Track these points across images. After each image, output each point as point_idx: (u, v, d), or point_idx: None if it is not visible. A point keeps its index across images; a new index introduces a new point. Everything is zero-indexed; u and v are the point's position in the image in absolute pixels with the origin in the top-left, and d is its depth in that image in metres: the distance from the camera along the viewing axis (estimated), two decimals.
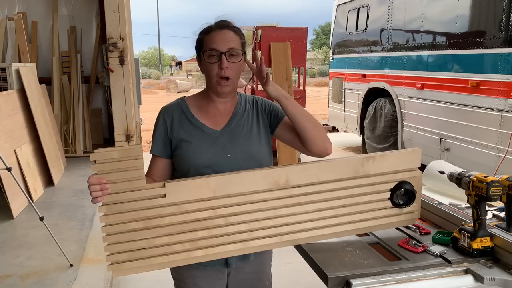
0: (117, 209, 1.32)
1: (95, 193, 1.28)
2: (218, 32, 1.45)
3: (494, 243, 1.42)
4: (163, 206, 1.34)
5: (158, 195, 1.34)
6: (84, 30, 7.32)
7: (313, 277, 1.43)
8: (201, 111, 1.54)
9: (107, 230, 1.33)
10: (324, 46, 41.22)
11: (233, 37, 1.46)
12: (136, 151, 1.32)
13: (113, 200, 1.31)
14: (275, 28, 7.18)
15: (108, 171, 1.29)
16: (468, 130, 4.65)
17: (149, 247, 1.35)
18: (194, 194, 1.35)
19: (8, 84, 4.91)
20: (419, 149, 1.55)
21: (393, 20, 6.07)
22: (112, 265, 1.34)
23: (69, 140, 6.74)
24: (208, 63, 1.45)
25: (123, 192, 1.32)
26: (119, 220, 1.33)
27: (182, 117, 1.52)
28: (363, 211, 1.50)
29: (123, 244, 1.34)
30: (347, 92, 7.68)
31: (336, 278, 1.31)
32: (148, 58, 52.28)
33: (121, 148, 1.31)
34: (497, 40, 4.23)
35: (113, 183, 1.30)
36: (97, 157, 1.29)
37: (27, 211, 4.16)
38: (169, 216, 1.35)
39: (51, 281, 2.91)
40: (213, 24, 1.48)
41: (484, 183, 1.41)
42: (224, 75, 1.44)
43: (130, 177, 1.31)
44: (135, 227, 1.34)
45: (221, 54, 1.43)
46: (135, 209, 1.33)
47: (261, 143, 1.55)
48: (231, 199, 1.37)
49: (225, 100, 1.54)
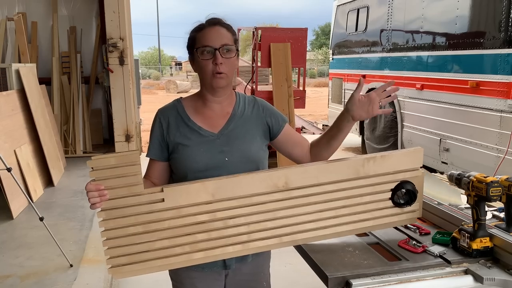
0: (116, 214, 1.32)
1: (93, 200, 1.28)
2: (211, 29, 1.45)
3: (493, 243, 1.42)
4: (161, 211, 1.34)
5: (157, 200, 1.33)
6: (84, 31, 7.32)
7: (313, 278, 1.43)
8: (198, 113, 1.52)
9: (107, 234, 1.33)
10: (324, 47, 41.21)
11: (225, 34, 1.46)
12: (134, 157, 1.31)
13: (112, 205, 1.31)
14: (275, 29, 7.18)
15: (106, 177, 1.29)
16: (467, 130, 4.65)
17: (149, 250, 1.35)
18: (192, 198, 1.35)
19: (8, 85, 4.91)
20: (421, 148, 1.53)
21: (393, 21, 6.07)
22: (112, 268, 1.35)
23: (69, 140, 6.74)
24: (202, 60, 1.44)
25: (121, 198, 1.32)
26: (118, 225, 1.33)
27: (178, 119, 1.51)
28: (363, 211, 1.49)
29: (123, 248, 1.34)
30: (347, 93, 7.68)
31: (336, 278, 1.31)
32: (148, 59, 52.27)
33: (118, 155, 1.31)
34: (496, 40, 4.24)
35: (111, 189, 1.30)
36: (95, 164, 1.29)
37: (27, 211, 4.15)
38: (168, 220, 1.35)
39: (51, 281, 2.91)
40: (205, 22, 1.48)
41: (484, 184, 1.41)
42: (219, 71, 1.43)
43: (128, 183, 1.31)
44: (135, 231, 1.34)
45: (215, 50, 1.42)
46: (134, 214, 1.33)
47: (259, 146, 1.53)
48: (229, 202, 1.37)
49: (220, 99, 1.52)
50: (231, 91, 1.57)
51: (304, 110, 8.87)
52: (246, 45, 19.70)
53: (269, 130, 1.57)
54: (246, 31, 8.43)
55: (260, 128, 1.55)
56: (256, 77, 6.33)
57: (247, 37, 13.79)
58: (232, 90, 1.59)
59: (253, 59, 6.41)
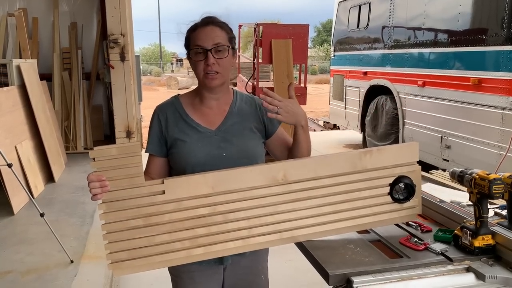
0: (116, 206, 1.32)
1: (95, 190, 1.28)
2: (203, 29, 1.45)
3: (496, 241, 1.41)
4: (162, 203, 1.34)
5: (157, 191, 1.34)
6: (85, 27, 7.30)
7: (314, 275, 1.42)
8: (195, 109, 1.54)
9: (107, 228, 1.33)
10: (325, 43, 41.15)
11: (218, 33, 1.46)
12: (135, 148, 1.32)
13: (113, 197, 1.31)
14: (276, 25, 7.17)
15: (107, 168, 1.30)
16: (469, 127, 4.64)
17: (149, 245, 1.35)
18: (193, 191, 1.35)
19: (9, 80, 4.91)
20: (416, 143, 1.54)
21: (395, 17, 6.05)
22: (112, 264, 1.34)
23: (69, 136, 6.75)
24: (195, 61, 1.46)
25: (122, 189, 1.32)
26: (119, 217, 1.32)
27: (176, 116, 1.53)
28: (362, 206, 1.48)
29: (123, 243, 1.33)
30: (348, 90, 7.67)
31: (337, 275, 1.31)
32: (149, 55, 52.24)
33: (120, 145, 1.31)
34: (499, 37, 4.22)
35: (112, 180, 1.30)
36: (96, 154, 1.29)
37: (28, 207, 4.16)
38: (169, 214, 1.35)
39: (52, 277, 2.92)
40: (198, 22, 1.48)
41: (486, 181, 1.40)
42: (211, 71, 1.44)
43: (129, 174, 1.31)
44: (135, 225, 1.33)
45: (206, 51, 1.43)
46: (135, 206, 1.33)
47: (256, 143, 1.56)
48: (229, 196, 1.37)
49: (217, 96, 1.53)
50: (228, 89, 1.58)
51: (305, 107, 8.81)
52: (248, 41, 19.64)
53: (264, 129, 1.59)
54: (247, 27, 8.41)
55: (257, 126, 1.57)
56: (257, 74, 6.32)
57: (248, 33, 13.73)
58: (230, 88, 1.60)
59: (254, 55, 6.40)
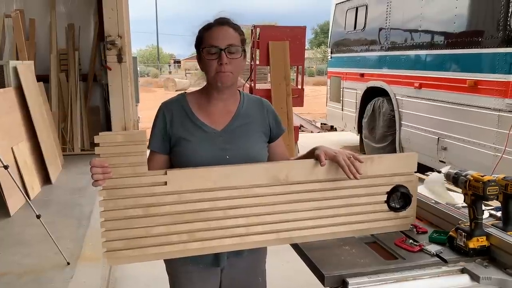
0: (117, 194, 1.31)
1: (97, 176, 1.27)
2: (218, 29, 1.45)
3: (490, 242, 1.42)
4: (163, 194, 1.34)
5: (159, 182, 1.34)
6: (82, 28, 7.29)
7: (310, 276, 1.42)
8: (202, 109, 1.53)
9: (106, 215, 1.32)
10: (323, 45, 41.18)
11: (232, 34, 1.46)
12: (140, 136, 1.32)
13: (114, 184, 1.31)
14: (274, 27, 7.17)
15: (111, 155, 1.29)
16: (465, 129, 4.66)
17: (146, 236, 1.35)
18: (195, 184, 1.35)
19: (6, 82, 4.90)
20: (415, 153, 1.56)
21: (392, 19, 6.07)
22: (107, 252, 1.34)
23: (66, 138, 6.73)
24: (208, 60, 1.45)
25: (124, 177, 1.31)
26: (118, 206, 1.32)
27: (182, 114, 1.51)
28: (360, 212, 1.51)
29: (120, 231, 1.33)
30: (345, 91, 7.68)
31: (333, 277, 1.31)
32: (147, 56, 52.20)
33: (125, 133, 1.32)
34: (495, 39, 4.24)
35: (115, 167, 1.29)
36: (101, 140, 1.29)
37: (24, 209, 4.14)
38: (169, 205, 1.35)
39: (48, 279, 2.91)
40: (213, 21, 1.48)
41: (481, 183, 1.41)
42: (224, 70, 1.43)
43: (133, 162, 1.31)
44: (134, 214, 1.33)
45: (220, 51, 1.42)
46: (135, 195, 1.32)
47: (261, 146, 1.56)
48: (231, 192, 1.38)
49: (225, 97, 1.53)
50: (236, 90, 1.58)
51: (302, 109, 8.87)
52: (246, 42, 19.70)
53: (270, 133, 1.60)
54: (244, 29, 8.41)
55: (262, 129, 1.57)
56: (255, 75, 6.33)
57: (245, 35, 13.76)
58: (237, 90, 1.59)
59: (252, 57, 6.41)
